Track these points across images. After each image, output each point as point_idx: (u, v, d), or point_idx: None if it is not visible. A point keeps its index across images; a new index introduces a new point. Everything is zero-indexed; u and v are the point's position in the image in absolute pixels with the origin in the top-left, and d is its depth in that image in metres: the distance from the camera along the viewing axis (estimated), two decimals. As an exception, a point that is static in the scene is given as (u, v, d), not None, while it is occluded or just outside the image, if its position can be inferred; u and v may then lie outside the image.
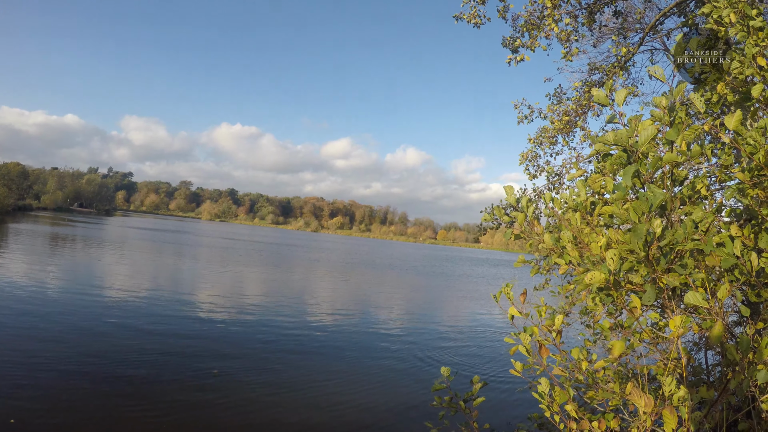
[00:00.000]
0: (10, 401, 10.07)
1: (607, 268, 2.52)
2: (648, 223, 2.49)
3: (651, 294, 2.61)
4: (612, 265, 2.49)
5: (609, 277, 2.52)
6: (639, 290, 2.76)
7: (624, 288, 2.74)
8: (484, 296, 37.48)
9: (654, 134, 2.70)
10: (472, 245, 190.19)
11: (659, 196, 2.47)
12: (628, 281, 2.77)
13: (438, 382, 3.86)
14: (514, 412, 11.93)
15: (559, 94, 10.38)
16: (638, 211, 2.50)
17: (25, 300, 19.73)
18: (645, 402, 2.33)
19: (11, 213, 72.09)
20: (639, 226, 2.43)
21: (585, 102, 9.63)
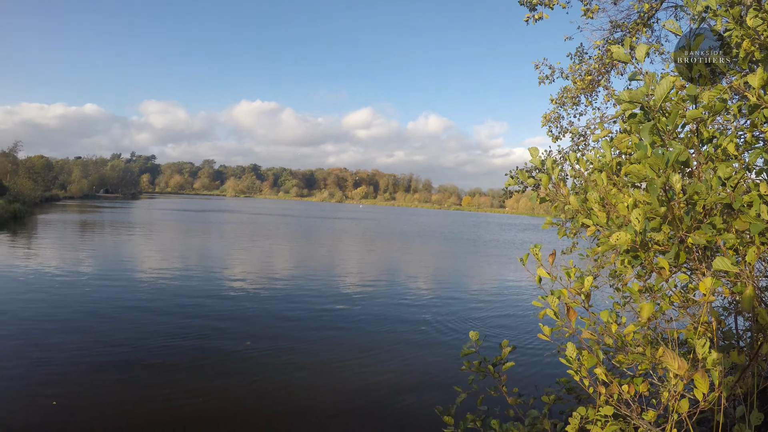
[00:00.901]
0: (51, 384, 10.52)
1: (633, 228, 2.45)
2: (665, 176, 2.40)
3: (673, 252, 2.55)
4: (637, 225, 2.42)
5: (635, 237, 2.45)
6: (666, 251, 2.70)
7: (651, 249, 2.68)
8: (512, 261, 37.36)
9: (669, 88, 2.59)
10: (497, 210, 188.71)
11: (676, 150, 2.39)
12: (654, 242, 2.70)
13: (467, 347, 3.86)
14: (542, 377, 11.99)
15: (580, 53, 10.04)
16: (654, 166, 2.42)
17: (59, 287, 20.43)
18: (678, 364, 2.30)
19: (39, 204, 73.89)
20: (654, 181, 2.35)
21: (607, 61, 9.30)
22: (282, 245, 41.88)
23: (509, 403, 4.01)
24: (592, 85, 9.69)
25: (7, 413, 9.14)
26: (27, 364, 11.38)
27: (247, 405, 10.27)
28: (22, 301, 17.09)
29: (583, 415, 3.11)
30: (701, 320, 3.09)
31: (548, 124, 10.35)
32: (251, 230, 55.49)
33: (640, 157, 2.53)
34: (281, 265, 29.98)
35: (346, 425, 9.65)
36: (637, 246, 2.50)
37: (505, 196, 9.94)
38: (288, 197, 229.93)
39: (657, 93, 2.55)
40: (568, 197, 3.39)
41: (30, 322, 14.58)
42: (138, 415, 9.48)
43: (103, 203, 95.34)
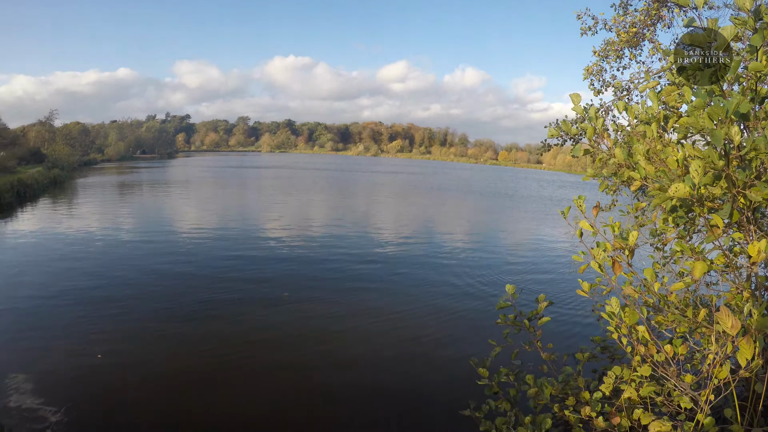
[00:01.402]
0: (96, 339, 11.07)
1: (691, 181, 2.30)
2: (726, 128, 2.24)
3: (727, 210, 2.41)
4: (696, 177, 2.28)
5: (693, 191, 2.30)
6: (719, 208, 2.56)
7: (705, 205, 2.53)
8: (548, 217, 36.80)
9: (733, 35, 2.39)
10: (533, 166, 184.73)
11: (735, 99, 2.22)
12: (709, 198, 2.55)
13: (503, 300, 3.81)
14: (576, 335, 11.95)
15: (624, 5, 9.47)
16: (714, 116, 2.26)
17: (100, 247, 21.29)
18: (732, 323, 2.21)
19: (78, 169, 75.89)
20: (716, 132, 2.20)
21: (654, 12, 8.74)
22: (318, 199, 42.31)
23: (543, 358, 3.99)
24: (636, 38, 9.18)
25: (56, 366, 9.72)
26: (72, 322, 11.98)
27: (286, 356, 10.64)
28: (64, 262, 17.89)
29: (618, 374, 3.06)
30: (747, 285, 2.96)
31: (590, 77, 9.92)
32: (287, 185, 56.14)
33: (699, 105, 2.37)
34: (318, 219, 30.36)
35: (380, 375, 9.90)
36: (695, 199, 2.36)
37: (544, 149, 9.66)
38: (323, 151, 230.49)
39: (721, 38, 2.36)
40: (613, 149, 3.23)
41: (73, 282, 15.28)
42: (180, 367, 9.96)
43: (140, 164, 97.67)
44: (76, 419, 7.91)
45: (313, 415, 8.42)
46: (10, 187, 34.58)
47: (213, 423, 8.03)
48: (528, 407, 3.77)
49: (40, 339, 10.92)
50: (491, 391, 3.84)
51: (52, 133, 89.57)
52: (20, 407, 8.18)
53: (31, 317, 12.16)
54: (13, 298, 13.57)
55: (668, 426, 2.50)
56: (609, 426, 2.94)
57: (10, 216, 28.62)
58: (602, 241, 2.95)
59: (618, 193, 7.90)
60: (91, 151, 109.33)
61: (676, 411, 2.85)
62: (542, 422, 3.32)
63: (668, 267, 5.09)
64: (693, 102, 2.51)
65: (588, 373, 4.17)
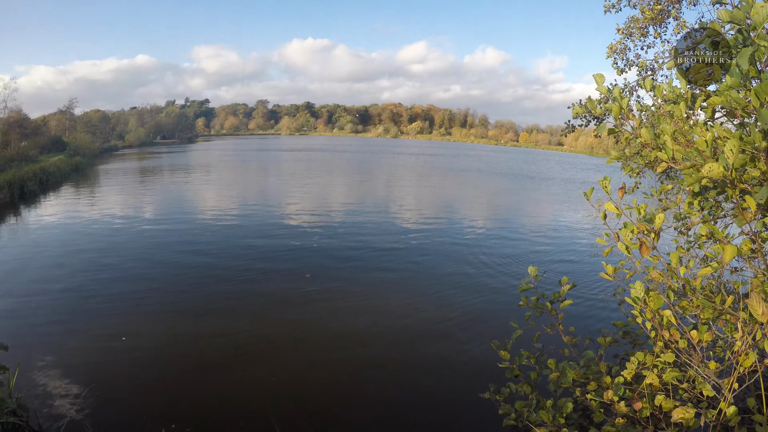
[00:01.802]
0: (121, 321, 11.34)
1: (724, 161, 2.23)
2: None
3: (764, 193, 2.34)
4: (731, 157, 2.20)
5: (727, 172, 2.23)
6: (752, 191, 2.48)
7: (738, 187, 2.46)
8: (570, 200, 36.34)
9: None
10: (554, 148, 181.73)
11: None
12: (742, 179, 2.48)
13: (525, 282, 3.78)
14: (598, 319, 11.84)
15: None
16: (762, 95, 2.17)
17: (125, 231, 21.69)
18: (762, 311, 2.16)
19: (99, 155, 76.69)
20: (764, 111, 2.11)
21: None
22: (339, 182, 42.38)
23: (564, 342, 3.96)
24: (661, 15, 8.90)
25: (81, 349, 9.97)
26: (97, 306, 12.25)
27: (307, 336, 10.79)
28: (87, 248, 18.28)
29: (641, 360, 3.02)
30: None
31: (614, 56, 9.67)
32: (308, 168, 56.29)
33: (734, 84, 2.29)
34: (339, 202, 30.43)
35: (400, 356, 9.97)
36: (728, 180, 2.29)
37: (567, 130, 9.50)
38: (342, 134, 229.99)
39: (758, 17, 2.26)
40: (639, 129, 3.15)
41: (95, 267, 15.60)
42: (203, 348, 10.17)
43: (160, 149, 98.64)
44: (101, 400, 8.11)
45: (332, 395, 8.53)
46: (32, 175, 35.25)
47: (234, 403, 8.19)
48: (547, 391, 3.76)
49: (64, 323, 11.21)
50: (512, 374, 3.83)
51: (73, 121, 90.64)
52: (45, 389, 8.42)
53: (55, 302, 12.48)
54: (37, 283, 13.93)
55: (691, 413, 2.47)
56: (630, 411, 2.92)
57: (34, 203, 29.22)
58: (628, 222, 2.89)
59: (641, 175, 7.75)
60: (112, 138, 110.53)
61: (697, 399, 2.82)
62: (563, 406, 3.31)
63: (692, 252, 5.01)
64: (725, 81, 2.43)
65: (609, 358, 4.14)
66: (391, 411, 8.17)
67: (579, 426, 3.80)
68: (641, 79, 9.52)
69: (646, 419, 2.89)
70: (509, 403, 3.81)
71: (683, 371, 2.88)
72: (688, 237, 5.27)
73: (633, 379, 3.15)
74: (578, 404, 3.73)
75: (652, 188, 4.67)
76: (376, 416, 8.06)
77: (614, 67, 9.66)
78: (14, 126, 57.11)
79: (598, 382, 3.29)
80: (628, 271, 3.43)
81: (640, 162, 4.01)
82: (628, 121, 3.38)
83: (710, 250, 3.34)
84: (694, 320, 2.98)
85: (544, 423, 3.33)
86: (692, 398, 2.83)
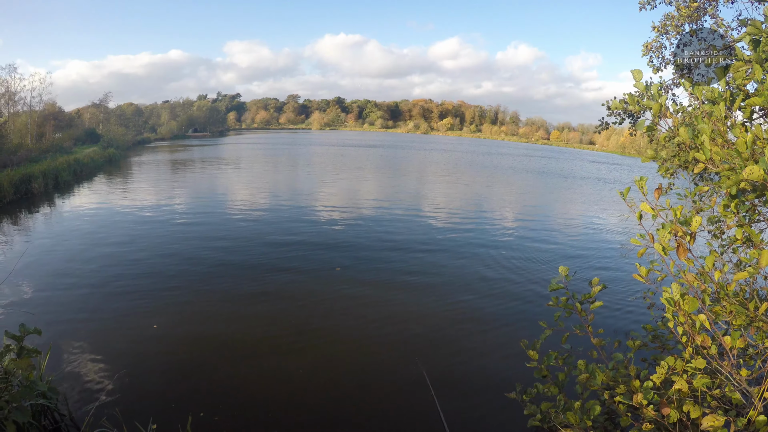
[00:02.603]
0: (152, 309, 11.63)
1: (765, 163, 2.19)
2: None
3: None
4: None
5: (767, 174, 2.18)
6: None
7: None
8: (602, 199, 35.68)
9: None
10: (586, 147, 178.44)
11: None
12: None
13: (555, 282, 3.76)
14: (627, 322, 11.64)
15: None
16: None
17: (157, 221, 22.20)
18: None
19: (132, 148, 78.33)
20: None
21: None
22: (370, 177, 42.50)
23: (593, 344, 3.93)
24: (698, 12, 8.67)
25: (112, 336, 10.28)
26: (129, 294, 12.59)
27: (336, 331, 10.91)
28: (120, 237, 18.79)
29: (671, 365, 2.99)
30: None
31: (649, 54, 9.48)
32: (338, 162, 56.62)
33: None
34: (370, 197, 30.51)
35: (427, 353, 9.98)
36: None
37: (601, 127, 9.33)
38: (373, 129, 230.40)
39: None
40: (677, 129, 3.11)
41: (128, 256, 16.06)
42: (232, 338, 10.38)
43: (192, 142, 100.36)
44: (130, 386, 8.34)
45: (358, 390, 8.60)
46: (66, 166, 36.30)
47: (264, 394, 8.34)
48: (573, 393, 3.74)
49: (96, 311, 11.54)
50: (540, 374, 3.82)
51: (107, 114, 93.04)
52: (75, 373, 8.68)
53: (87, 290, 12.86)
54: (70, 271, 14.38)
55: (721, 421, 2.44)
56: (658, 416, 2.89)
57: (68, 194, 30.09)
58: (665, 223, 2.85)
59: (675, 176, 7.60)
60: (145, 131, 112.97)
61: (726, 407, 2.77)
62: (591, 408, 3.30)
63: (725, 256, 4.90)
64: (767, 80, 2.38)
65: (638, 362, 4.09)
66: (414, 407, 8.20)
67: (605, 429, 3.77)
68: (678, 78, 9.31)
69: (673, 425, 2.86)
70: (535, 404, 3.81)
71: (713, 378, 2.84)
72: (722, 241, 5.15)
73: (661, 384, 3.12)
74: (605, 407, 3.70)
75: (686, 189, 4.58)
76: (401, 411, 8.10)
77: (650, 65, 9.47)
78: (49, 118, 59.10)
79: (627, 386, 3.26)
80: (660, 273, 3.38)
81: (675, 162, 3.95)
82: (666, 119, 3.33)
83: (745, 254, 3.27)
84: (726, 326, 2.92)
85: (571, 425, 3.32)
86: (720, 406, 2.79)
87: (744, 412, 2.60)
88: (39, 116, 55.05)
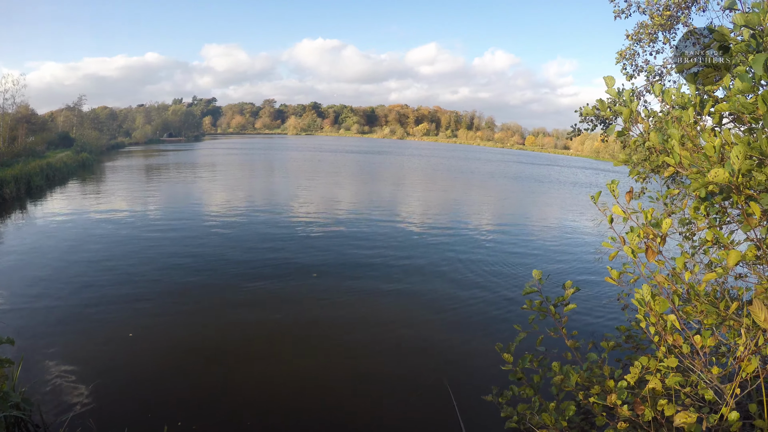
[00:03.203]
0: (127, 317, 11.38)
1: (730, 166, 2.24)
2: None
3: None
4: (737, 163, 2.21)
5: (732, 177, 2.24)
6: (758, 197, 2.49)
7: (744, 192, 2.47)
8: (577, 203, 36.26)
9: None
10: (561, 152, 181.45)
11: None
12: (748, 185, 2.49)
13: (529, 285, 3.79)
14: (601, 323, 11.83)
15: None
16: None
17: (131, 228, 21.80)
18: (765, 317, 2.17)
19: (106, 152, 77.07)
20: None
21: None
22: (346, 183, 42.41)
23: (568, 345, 3.97)
24: (670, 21, 8.91)
25: (86, 345, 10.04)
26: (103, 302, 12.31)
27: (312, 337, 10.83)
28: (93, 244, 18.45)
29: (645, 364, 3.03)
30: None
31: (623, 61, 9.70)
32: (313, 167, 56.38)
33: (745, 90, 2.30)
34: (346, 203, 30.43)
35: (403, 359, 9.98)
36: (734, 186, 2.30)
37: (573, 133, 9.49)
38: (349, 134, 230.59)
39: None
40: (648, 133, 3.16)
41: (102, 264, 15.72)
42: (208, 346, 10.22)
43: (167, 147, 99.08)
44: (105, 396, 8.16)
45: (334, 397, 8.54)
46: (39, 170, 35.49)
47: (239, 401, 8.22)
48: (550, 394, 3.77)
49: (69, 318, 11.28)
50: (515, 376, 3.84)
51: (81, 117, 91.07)
52: (49, 383, 8.47)
53: (60, 298, 12.56)
54: (42, 279, 14.01)
55: (693, 418, 2.48)
56: (633, 415, 2.92)
57: (40, 199, 29.41)
58: (634, 226, 2.90)
59: (647, 180, 7.76)
60: (119, 135, 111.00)
61: (699, 404, 2.82)
62: (566, 409, 3.32)
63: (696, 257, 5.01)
64: (735, 86, 2.44)
65: (612, 362, 4.14)
66: (393, 413, 8.18)
67: (581, 429, 3.80)
68: (650, 84, 9.53)
69: (648, 423, 2.89)
70: (511, 406, 3.82)
71: (686, 376, 2.89)
72: (693, 242, 5.26)
73: (636, 384, 3.16)
74: (581, 408, 3.73)
75: (658, 192, 4.68)
76: (373, 419, 8.07)
77: (623, 72, 9.68)
78: (22, 121, 57.46)
79: (601, 386, 3.29)
80: (633, 275, 3.43)
81: (647, 167, 4.02)
82: (637, 125, 3.39)
83: (715, 255, 3.34)
84: (698, 325, 2.98)
85: (547, 426, 3.34)
86: (694, 403, 2.84)
87: (717, 408, 2.64)
88: (11, 119, 53.51)
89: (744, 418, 2.80)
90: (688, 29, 8.67)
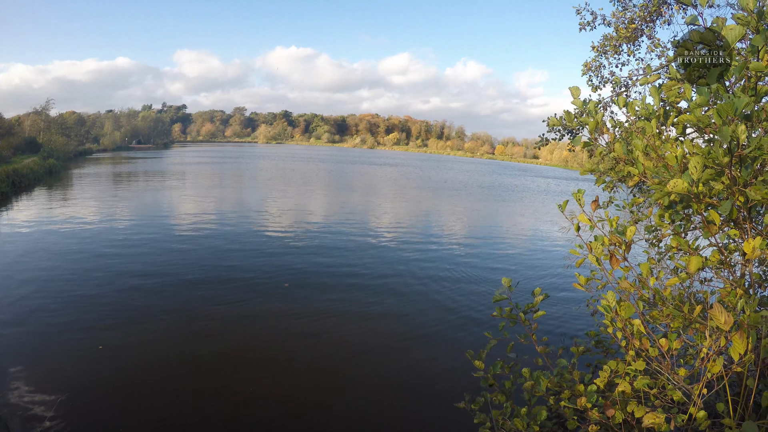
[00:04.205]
0: (98, 331, 11.06)
1: (689, 177, 2.33)
2: (734, 126, 2.27)
3: (727, 206, 2.44)
4: (695, 173, 2.30)
5: (691, 187, 2.33)
6: (717, 205, 2.59)
7: (703, 201, 2.57)
8: (546, 212, 36.90)
9: (741, 36, 2.42)
10: (530, 161, 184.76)
11: (745, 99, 2.25)
12: (707, 194, 2.59)
13: (499, 293, 3.83)
14: (571, 329, 12.04)
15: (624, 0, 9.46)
16: (723, 113, 2.28)
17: (98, 238, 21.21)
18: (725, 319, 2.24)
19: (74, 159, 75.06)
20: (724, 129, 2.22)
21: (654, 9, 8.74)
22: (318, 193, 42.23)
23: (538, 351, 4.02)
24: (635, 34, 9.17)
25: (56, 359, 9.73)
26: (72, 314, 11.95)
27: (284, 347, 10.71)
28: (60, 254, 17.91)
29: (614, 368, 3.10)
30: (742, 281, 3.00)
31: (589, 73, 9.91)
32: (284, 176, 55.98)
33: (702, 103, 2.39)
34: (317, 213, 30.30)
35: (376, 368, 9.96)
36: (693, 195, 2.39)
37: (541, 143, 9.66)
38: (319, 143, 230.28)
39: (728, 38, 2.38)
40: (613, 144, 3.25)
41: (70, 274, 15.32)
42: (179, 359, 10.00)
43: (136, 154, 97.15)
44: (75, 410, 7.93)
45: (306, 406, 8.46)
46: (5, 176, 34.33)
47: (212, 413, 8.07)
48: (522, 399, 3.81)
49: (36, 331, 10.93)
50: (487, 383, 3.87)
51: (48, 122, 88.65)
52: (18, 398, 8.19)
53: (26, 309, 12.15)
54: (9, 290, 13.53)
55: (661, 418, 2.54)
56: (603, 418, 2.98)
57: (6, 206, 28.46)
58: (600, 235, 2.97)
59: (615, 189, 7.95)
60: (87, 141, 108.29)
61: (669, 405, 2.89)
62: (537, 414, 3.36)
63: (663, 263, 5.14)
64: (695, 99, 2.54)
65: (582, 367, 4.21)
66: (366, 422, 8.15)
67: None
68: (615, 96, 9.77)
69: (618, 425, 2.95)
70: (484, 412, 3.84)
71: (654, 378, 2.96)
72: (659, 249, 5.41)
73: (606, 387, 3.22)
74: (552, 412, 3.79)
75: (624, 201, 4.79)
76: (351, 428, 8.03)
77: (589, 84, 9.89)
78: (-13, 126, 55.64)
79: (572, 390, 3.34)
80: (600, 280, 3.51)
81: (613, 176, 4.13)
82: (603, 135, 3.48)
83: (680, 261, 3.45)
84: (665, 329, 3.06)
85: (519, 431, 3.37)
86: (663, 404, 2.90)
87: (686, 409, 2.71)
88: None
89: (712, 417, 2.88)
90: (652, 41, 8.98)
